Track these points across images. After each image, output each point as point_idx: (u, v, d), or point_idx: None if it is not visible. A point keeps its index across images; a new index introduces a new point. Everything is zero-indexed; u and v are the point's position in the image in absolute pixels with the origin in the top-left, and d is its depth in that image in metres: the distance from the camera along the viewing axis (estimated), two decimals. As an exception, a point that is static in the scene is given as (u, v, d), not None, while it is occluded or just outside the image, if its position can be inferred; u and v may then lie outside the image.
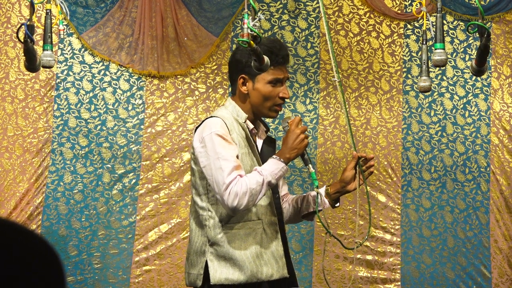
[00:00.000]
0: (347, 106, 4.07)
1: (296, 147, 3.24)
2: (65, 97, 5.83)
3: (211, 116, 3.29)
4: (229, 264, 3.22)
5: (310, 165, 3.32)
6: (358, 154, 3.44)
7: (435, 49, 4.05)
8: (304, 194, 3.57)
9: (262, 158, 3.35)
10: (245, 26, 3.13)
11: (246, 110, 3.34)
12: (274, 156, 3.23)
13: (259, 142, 3.43)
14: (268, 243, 3.27)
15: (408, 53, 6.12)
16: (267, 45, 3.30)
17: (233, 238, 3.22)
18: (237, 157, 3.20)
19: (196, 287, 3.27)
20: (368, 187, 3.50)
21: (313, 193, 3.49)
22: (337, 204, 3.48)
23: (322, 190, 3.47)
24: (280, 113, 3.43)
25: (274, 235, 3.30)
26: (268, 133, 3.50)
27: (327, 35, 3.73)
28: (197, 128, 3.29)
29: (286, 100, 3.41)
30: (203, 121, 3.28)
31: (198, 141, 3.22)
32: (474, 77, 6.06)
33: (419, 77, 4.35)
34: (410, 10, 6.07)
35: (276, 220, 3.34)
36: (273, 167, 3.18)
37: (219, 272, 3.21)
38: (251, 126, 3.35)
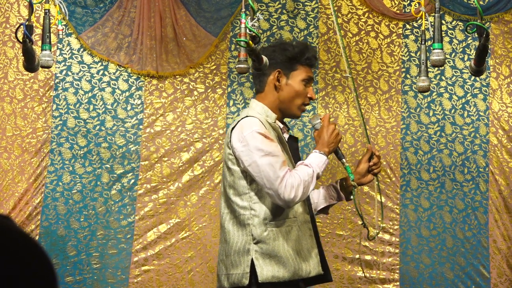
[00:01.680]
0: (359, 101, 4.14)
1: (332, 141, 3.38)
2: (63, 97, 5.83)
3: (246, 116, 3.34)
4: (274, 262, 3.27)
5: (344, 159, 3.47)
6: (371, 146, 3.62)
7: (434, 49, 4.05)
8: (318, 190, 3.64)
9: (289, 156, 3.44)
10: (244, 26, 3.14)
11: (273, 109, 3.41)
12: (315, 150, 3.35)
13: None
14: (304, 241, 3.35)
15: (407, 53, 6.12)
16: (299, 45, 3.44)
17: (277, 236, 3.29)
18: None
19: (241, 286, 3.30)
20: (375, 182, 3.64)
21: (324, 188, 3.61)
22: (352, 197, 3.57)
23: (337, 184, 3.61)
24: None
25: (308, 232, 3.38)
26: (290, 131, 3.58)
27: (337, 33, 3.75)
28: (232, 129, 3.34)
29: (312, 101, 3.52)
30: (238, 121, 3.34)
31: (238, 141, 3.28)
32: (473, 77, 6.06)
33: (418, 77, 4.34)
34: (409, 10, 6.07)
35: (309, 218, 3.42)
36: (318, 160, 3.30)
37: (266, 270, 3.27)
38: (281, 125, 3.44)
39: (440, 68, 5.81)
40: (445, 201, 6.07)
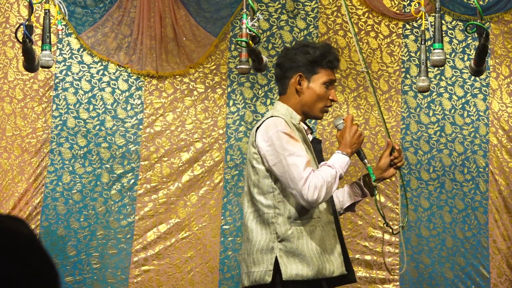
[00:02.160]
0: (377, 96, 4.18)
1: (355, 142, 3.42)
2: (63, 97, 5.83)
3: (271, 116, 3.37)
4: (297, 260, 3.31)
5: (365, 160, 3.51)
6: (390, 141, 3.67)
7: (434, 49, 4.05)
8: (342, 188, 3.69)
9: (313, 157, 3.47)
10: (244, 26, 3.14)
11: (297, 110, 3.45)
12: (337, 151, 3.39)
13: None
14: (327, 241, 3.38)
15: (407, 53, 6.12)
16: (321, 48, 3.45)
17: (301, 234, 3.32)
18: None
19: (263, 283, 3.33)
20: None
21: (348, 186, 3.67)
22: (375, 192, 3.62)
23: (359, 180, 3.66)
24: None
25: (331, 233, 3.42)
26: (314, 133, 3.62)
27: (351, 30, 3.75)
28: (257, 128, 3.37)
29: (334, 103, 3.56)
30: (263, 121, 3.38)
31: (263, 140, 3.32)
32: (472, 77, 6.06)
33: (417, 77, 4.34)
34: (408, 10, 6.07)
35: (332, 218, 3.46)
36: (340, 160, 3.35)
37: (290, 268, 3.30)
38: (305, 126, 3.48)
39: (440, 68, 5.81)
40: (445, 201, 6.07)
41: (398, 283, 5.97)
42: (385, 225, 3.72)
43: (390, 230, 3.75)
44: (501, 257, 6.03)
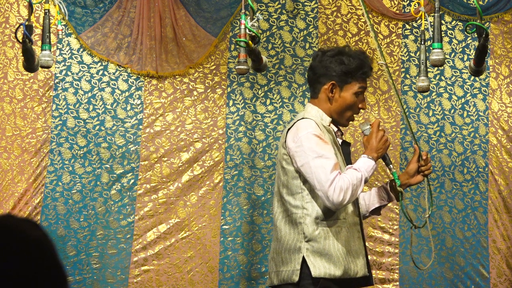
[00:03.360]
0: (398, 91, 4.19)
1: (381, 147, 3.47)
2: (63, 97, 5.83)
3: (302, 118, 3.43)
4: (324, 260, 3.36)
5: (391, 165, 3.57)
6: (417, 147, 3.70)
7: (433, 49, 4.06)
8: (369, 191, 3.75)
9: (342, 159, 3.53)
10: (243, 26, 3.14)
11: (327, 114, 3.50)
12: (363, 155, 3.44)
13: None
14: (352, 242, 3.44)
15: (407, 53, 6.12)
16: (359, 57, 3.50)
17: (327, 235, 3.38)
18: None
19: (291, 283, 3.39)
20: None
21: (374, 189, 3.72)
22: (401, 198, 3.67)
23: (386, 185, 3.72)
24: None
25: (356, 234, 3.48)
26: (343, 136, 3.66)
27: (368, 24, 3.76)
28: (288, 129, 3.43)
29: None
30: (294, 122, 3.43)
31: (293, 141, 3.38)
32: (472, 77, 6.06)
33: (417, 77, 4.34)
34: (408, 10, 6.07)
35: (358, 220, 3.52)
36: (366, 164, 3.40)
37: (317, 267, 3.36)
38: (335, 128, 3.53)
39: (440, 68, 5.81)
40: (444, 201, 6.07)
41: (397, 283, 5.97)
42: (412, 228, 3.80)
43: (416, 231, 3.83)
44: (501, 257, 6.03)
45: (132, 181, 5.85)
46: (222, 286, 5.88)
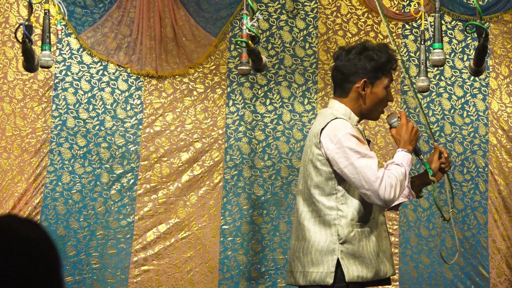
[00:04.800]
0: (414, 87, 4.18)
1: (413, 139, 3.47)
2: (63, 97, 5.83)
3: (335, 118, 3.38)
4: (358, 262, 3.35)
5: (421, 156, 3.58)
6: (437, 145, 3.69)
7: (433, 49, 4.06)
8: None
9: None
10: (244, 27, 3.14)
11: (355, 113, 3.47)
12: (399, 149, 3.43)
13: None
14: (381, 242, 3.44)
15: (406, 53, 6.12)
16: (384, 52, 3.46)
17: (361, 237, 3.36)
18: None
19: (323, 284, 3.35)
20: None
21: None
22: (421, 194, 3.70)
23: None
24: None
25: (383, 234, 3.47)
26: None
27: (383, 20, 3.76)
28: (322, 129, 3.36)
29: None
30: (328, 122, 3.37)
31: (331, 142, 3.32)
32: (472, 77, 6.06)
33: (417, 77, 4.35)
34: (408, 10, 6.07)
35: (384, 219, 3.51)
36: (405, 158, 3.39)
37: (351, 270, 3.34)
38: (361, 128, 3.51)
39: (440, 68, 5.81)
40: (444, 201, 6.07)
41: (397, 283, 5.97)
42: (442, 219, 3.79)
43: (446, 222, 3.83)
44: (501, 257, 6.03)
45: (132, 181, 5.85)
46: (222, 286, 5.88)
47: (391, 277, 3.55)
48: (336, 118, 3.38)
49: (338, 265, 3.34)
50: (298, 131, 6.02)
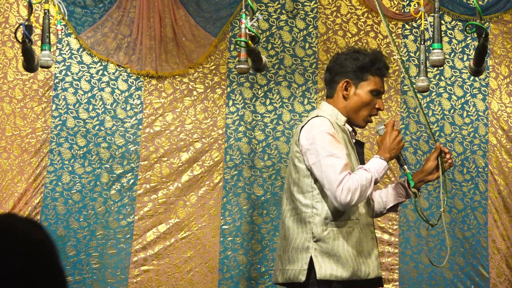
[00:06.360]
0: (414, 87, 4.17)
1: (395, 148, 3.44)
2: (63, 97, 5.83)
3: (316, 116, 3.39)
4: (332, 261, 3.33)
5: (405, 166, 3.54)
6: (439, 144, 3.65)
7: (433, 49, 4.06)
8: (386, 188, 3.72)
9: (356, 159, 3.50)
10: (244, 26, 3.14)
11: (343, 113, 3.46)
12: (376, 155, 3.41)
13: None
14: (365, 243, 3.42)
15: (406, 53, 6.12)
16: (371, 55, 3.47)
17: (337, 236, 3.35)
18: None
19: (297, 282, 3.36)
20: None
21: (392, 186, 3.69)
22: (420, 194, 3.67)
23: (402, 181, 3.68)
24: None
25: (369, 235, 3.46)
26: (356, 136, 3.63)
27: (383, 21, 3.76)
28: (302, 127, 3.39)
29: (379, 112, 3.58)
30: (308, 120, 3.39)
31: (305, 139, 3.34)
32: (472, 77, 6.06)
33: (417, 77, 4.34)
34: (408, 10, 6.07)
35: (371, 221, 3.50)
36: (378, 165, 3.36)
37: (324, 268, 3.32)
38: (350, 128, 3.50)
39: (439, 68, 5.81)
40: (444, 201, 6.07)
41: (397, 283, 5.97)
42: (428, 228, 3.78)
43: (430, 227, 3.81)
44: (501, 257, 6.03)
45: (132, 181, 5.85)
46: (222, 286, 5.88)
47: (382, 277, 3.53)
48: (317, 116, 3.39)
49: (312, 262, 3.33)
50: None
